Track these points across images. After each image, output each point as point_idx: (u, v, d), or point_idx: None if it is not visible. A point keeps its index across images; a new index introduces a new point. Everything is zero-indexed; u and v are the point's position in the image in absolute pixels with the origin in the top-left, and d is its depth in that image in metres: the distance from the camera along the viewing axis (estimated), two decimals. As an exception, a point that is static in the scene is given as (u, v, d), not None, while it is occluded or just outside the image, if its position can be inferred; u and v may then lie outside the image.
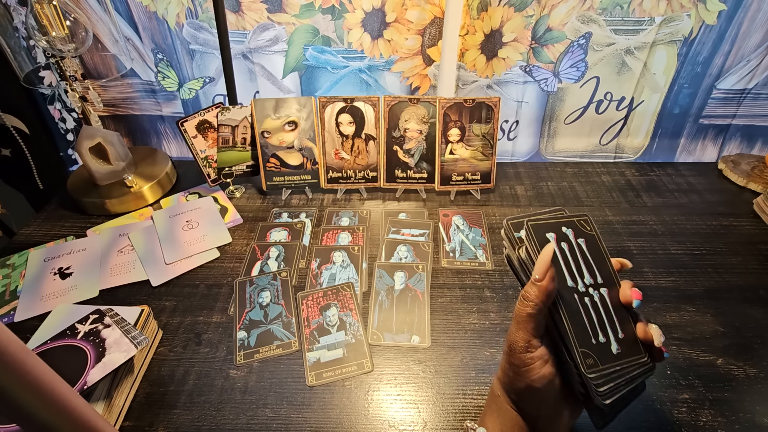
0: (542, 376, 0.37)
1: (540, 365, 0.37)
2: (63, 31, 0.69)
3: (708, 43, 0.79)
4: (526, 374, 0.37)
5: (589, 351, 0.36)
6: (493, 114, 0.78)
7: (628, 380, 0.36)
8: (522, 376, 0.37)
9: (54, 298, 0.64)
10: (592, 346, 0.36)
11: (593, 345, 0.36)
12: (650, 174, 0.89)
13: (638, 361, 0.37)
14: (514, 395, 0.39)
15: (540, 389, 0.37)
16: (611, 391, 0.36)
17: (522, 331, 0.36)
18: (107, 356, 0.49)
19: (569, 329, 0.36)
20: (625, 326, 0.38)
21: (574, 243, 0.39)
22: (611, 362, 0.36)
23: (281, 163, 0.81)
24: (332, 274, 0.67)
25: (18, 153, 0.86)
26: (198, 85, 0.89)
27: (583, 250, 0.39)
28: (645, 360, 0.37)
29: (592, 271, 0.39)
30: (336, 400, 0.52)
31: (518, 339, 0.37)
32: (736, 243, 0.72)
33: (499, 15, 0.77)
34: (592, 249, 0.40)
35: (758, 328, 0.58)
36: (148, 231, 0.75)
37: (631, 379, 0.36)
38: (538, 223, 0.39)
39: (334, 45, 0.84)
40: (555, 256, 0.38)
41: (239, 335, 0.59)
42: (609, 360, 0.36)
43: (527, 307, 0.36)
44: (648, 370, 0.37)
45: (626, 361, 0.36)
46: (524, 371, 0.37)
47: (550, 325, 0.38)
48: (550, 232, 0.39)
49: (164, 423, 0.50)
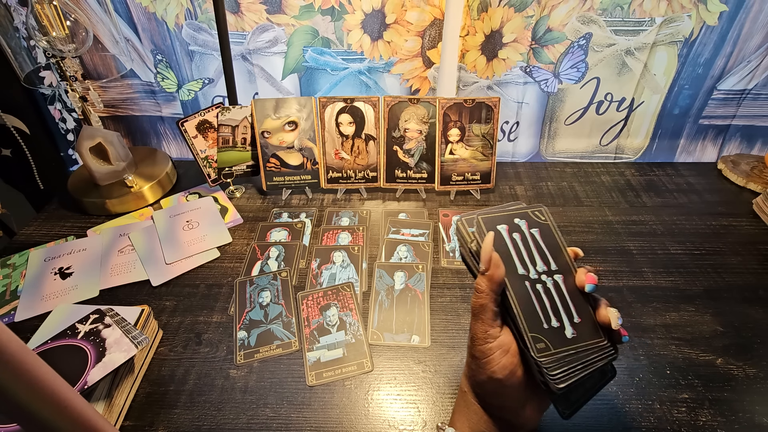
0: (503, 366, 0.37)
1: (500, 355, 0.37)
2: (63, 32, 0.69)
3: (709, 44, 0.79)
4: (487, 365, 0.37)
5: (540, 336, 0.36)
6: (492, 114, 0.78)
7: (584, 364, 0.36)
8: (483, 368, 0.37)
9: (54, 298, 0.64)
10: (543, 330, 0.36)
11: (545, 330, 0.37)
12: (650, 174, 0.89)
13: (596, 345, 0.37)
14: (478, 388, 0.40)
15: (502, 380, 0.37)
16: (564, 376, 0.35)
17: (479, 322, 0.37)
18: (107, 356, 0.49)
19: (519, 315, 0.37)
20: (582, 311, 0.38)
21: (527, 233, 0.40)
22: (564, 346, 0.36)
23: (281, 163, 0.81)
24: (332, 274, 0.67)
25: (18, 153, 0.86)
26: (197, 87, 0.89)
27: (536, 240, 0.40)
28: (604, 343, 0.37)
29: (546, 258, 0.39)
30: (336, 399, 0.52)
31: (476, 330, 0.37)
32: (735, 243, 0.72)
33: (500, 16, 0.77)
34: (546, 238, 0.40)
35: (757, 328, 0.58)
36: (149, 231, 0.75)
37: (587, 363, 0.36)
38: (489, 216, 0.40)
39: (333, 46, 0.84)
40: (505, 246, 0.39)
41: (239, 335, 0.59)
42: (562, 344, 0.36)
43: (480, 298, 0.37)
44: (608, 355, 0.37)
45: (582, 345, 0.36)
46: (485, 362, 0.37)
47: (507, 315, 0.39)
48: (501, 225, 0.40)
49: (164, 423, 0.50)
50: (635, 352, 0.56)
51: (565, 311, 0.38)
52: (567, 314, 0.38)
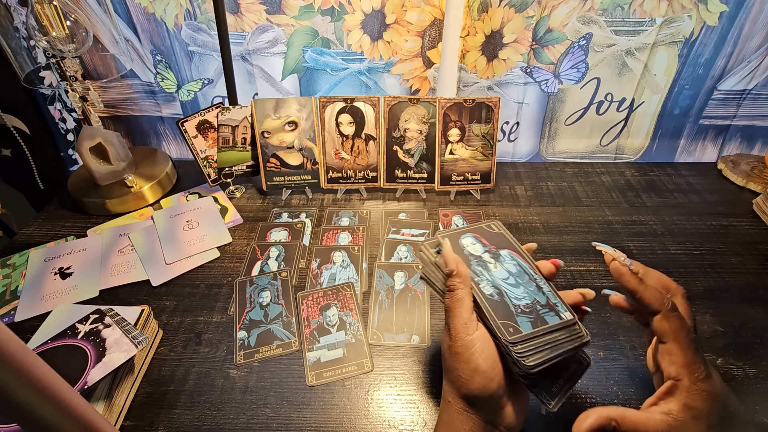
0: (487, 357, 0.37)
1: (482, 345, 0.37)
2: (63, 32, 0.70)
3: (709, 45, 0.79)
4: (471, 358, 0.37)
5: (508, 321, 0.38)
6: (492, 114, 0.78)
7: (553, 344, 0.38)
8: (467, 362, 0.37)
9: (54, 298, 0.64)
10: (512, 317, 0.39)
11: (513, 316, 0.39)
12: (650, 174, 0.89)
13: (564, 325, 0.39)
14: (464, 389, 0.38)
15: (486, 371, 0.37)
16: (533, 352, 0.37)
17: (456, 317, 0.39)
18: (107, 356, 0.49)
19: (485, 305, 0.39)
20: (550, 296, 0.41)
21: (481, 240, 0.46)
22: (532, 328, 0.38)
23: (281, 163, 0.81)
24: (332, 274, 0.67)
25: (18, 153, 0.86)
26: (197, 87, 0.89)
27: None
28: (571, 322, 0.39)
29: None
30: (336, 399, 0.52)
31: (456, 325, 0.38)
32: (735, 243, 0.72)
33: (500, 16, 0.77)
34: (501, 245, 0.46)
35: (757, 328, 0.58)
36: (149, 231, 0.75)
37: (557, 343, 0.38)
38: (450, 233, 0.46)
39: (333, 47, 0.84)
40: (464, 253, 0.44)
41: (239, 335, 0.59)
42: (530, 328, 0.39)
43: (455, 294, 0.39)
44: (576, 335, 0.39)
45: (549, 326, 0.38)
46: (469, 356, 0.37)
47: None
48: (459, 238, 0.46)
49: (164, 423, 0.50)
50: (635, 352, 0.56)
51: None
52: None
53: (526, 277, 0.42)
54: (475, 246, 0.45)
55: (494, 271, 0.43)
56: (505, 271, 0.43)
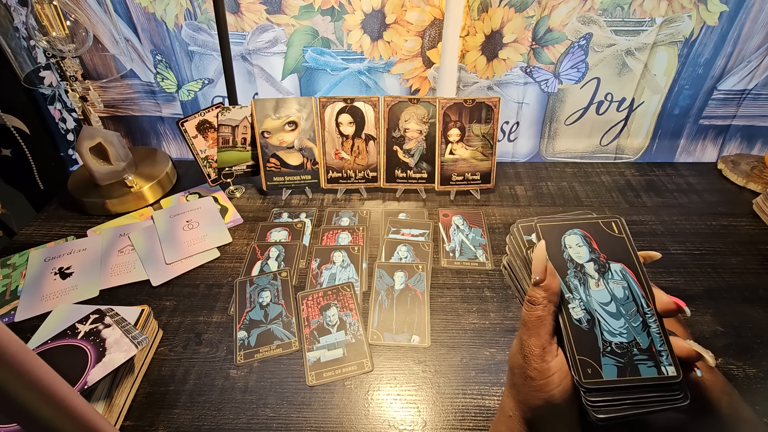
0: (564, 390, 0.32)
1: (560, 377, 0.32)
2: (63, 32, 0.69)
3: (709, 45, 0.79)
4: (545, 387, 0.32)
5: (588, 359, 0.31)
6: (492, 114, 0.78)
7: (637, 402, 0.30)
8: (541, 390, 0.32)
9: (54, 298, 0.64)
10: (595, 354, 0.31)
11: (597, 353, 0.31)
12: (650, 174, 0.89)
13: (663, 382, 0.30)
14: (531, 414, 0.34)
15: (560, 405, 0.32)
16: (606, 406, 0.30)
17: (534, 337, 0.33)
18: (107, 356, 0.49)
19: (568, 334, 0.32)
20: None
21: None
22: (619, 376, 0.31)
23: (281, 163, 0.81)
24: (332, 274, 0.67)
25: (18, 153, 0.86)
26: (197, 87, 0.89)
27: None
28: (674, 381, 0.30)
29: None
30: (336, 399, 0.52)
31: (532, 346, 0.32)
32: (735, 243, 0.72)
33: (500, 16, 0.77)
34: (618, 255, 0.35)
35: (757, 328, 0.58)
36: (149, 231, 0.75)
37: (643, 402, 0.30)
38: (554, 224, 0.35)
39: (333, 46, 0.84)
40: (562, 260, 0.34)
41: (239, 335, 0.59)
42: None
43: (536, 310, 0.33)
44: (674, 398, 0.30)
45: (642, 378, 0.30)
46: (543, 384, 0.32)
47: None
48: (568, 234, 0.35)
49: (164, 423, 0.50)
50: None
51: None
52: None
53: (633, 307, 0.33)
54: (581, 249, 0.35)
55: (594, 290, 0.33)
56: (608, 294, 0.33)
